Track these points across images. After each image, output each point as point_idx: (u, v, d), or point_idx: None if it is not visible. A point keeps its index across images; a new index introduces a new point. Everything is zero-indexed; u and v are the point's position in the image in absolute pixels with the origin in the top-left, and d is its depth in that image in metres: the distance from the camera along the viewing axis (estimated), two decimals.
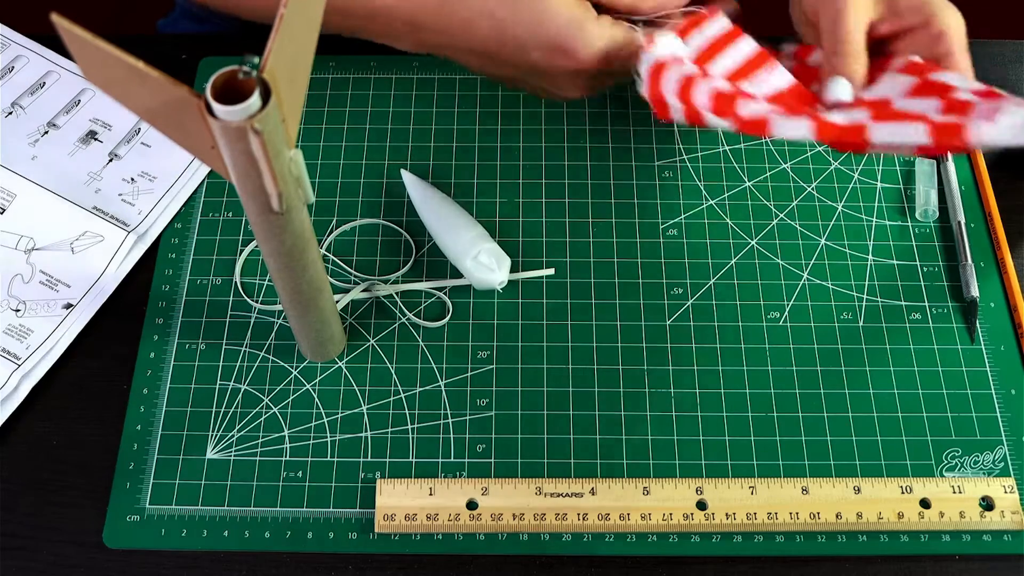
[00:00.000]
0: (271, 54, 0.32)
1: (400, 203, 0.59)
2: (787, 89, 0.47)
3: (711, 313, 0.55)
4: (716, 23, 0.49)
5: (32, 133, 0.60)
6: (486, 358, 0.54)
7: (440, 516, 0.48)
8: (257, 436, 0.51)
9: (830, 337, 0.54)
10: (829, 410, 0.52)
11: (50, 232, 0.56)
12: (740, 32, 0.49)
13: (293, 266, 0.42)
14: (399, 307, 0.55)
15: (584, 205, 0.59)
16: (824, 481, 0.49)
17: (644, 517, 0.48)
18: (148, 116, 0.34)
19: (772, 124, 0.44)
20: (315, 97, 0.62)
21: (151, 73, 0.30)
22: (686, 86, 0.46)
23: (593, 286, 0.56)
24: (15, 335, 0.53)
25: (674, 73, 0.47)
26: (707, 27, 0.49)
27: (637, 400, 0.52)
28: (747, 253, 0.57)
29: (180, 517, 0.49)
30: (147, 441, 0.51)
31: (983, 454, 0.51)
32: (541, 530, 0.48)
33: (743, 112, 0.45)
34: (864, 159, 0.61)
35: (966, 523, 0.48)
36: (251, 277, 0.56)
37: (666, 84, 0.47)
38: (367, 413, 0.52)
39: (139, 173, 0.59)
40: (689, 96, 0.46)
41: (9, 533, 0.49)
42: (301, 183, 0.37)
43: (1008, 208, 0.58)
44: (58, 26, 0.29)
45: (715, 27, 0.49)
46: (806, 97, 0.47)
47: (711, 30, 0.49)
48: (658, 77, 0.47)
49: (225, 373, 0.53)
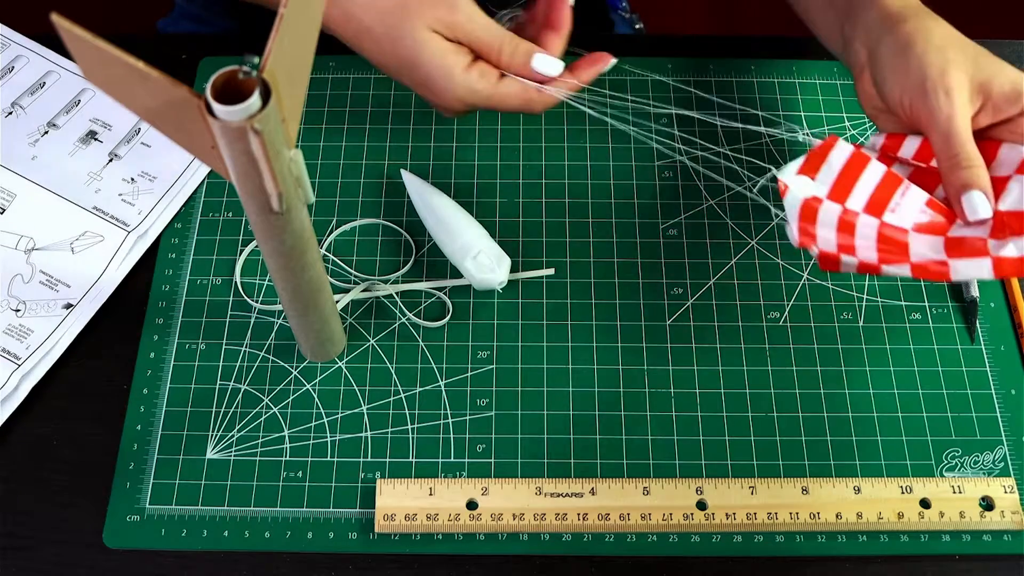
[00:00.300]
0: (271, 54, 0.32)
1: (400, 203, 0.59)
2: (928, 210, 0.47)
3: (711, 313, 0.55)
4: (839, 151, 0.48)
5: (32, 133, 0.60)
6: (486, 358, 0.54)
7: (440, 516, 0.48)
8: (257, 436, 0.51)
9: (830, 337, 0.54)
10: (829, 410, 0.52)
11: (50, 232, 0.56)
12: (863, 157, 0.48)
13: (293, 266, 0.42)
14: (399, 307, 0.55)
15: (584, 205, 0.59)
16: (824, 481, 0.49)
17: (644, 517, 0.48)
18: (148, 116, 0.34)
19: (952, 270, 0.44)
20: (315, 97, 0.62)
21: (151, 73, 0.30)
22: (844, 233, 0.45)
23: (593, 286, 0.56)
24: (15, 335, 0.53)
25: (825, 227, 0.46)
26: (832, 157, 0.48)
27: (637, 400, 0.52)
28: (747, 253, 0.57)
29: (180, 517, 0.49)
30: (147, 441, 0.51)
31: (983, 454, 0.51)
32: (541, 530, 0.48)
33: (916, 258, 0.44)
34: None
35: (966, 523, 0.48)
36: (251, 277, 0.56)
37: (822, 237, 0.46)
38: (367, 413, 0.52)
39: (139, 173, 0.59)
40: (854, 249, 0.45)
41: (9, 533, 0.49)
42: (301, 183, 0.37)
43: None
44: (58, 26, 0.29)
45: (840, 156, 0.48)
46: (947, 216, 0.47)
47: (837, 160, 0.48)
48: (810, 230, 0.46)
49: (225, 373, 0.53)
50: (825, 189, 0.47)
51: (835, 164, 0.47)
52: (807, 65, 0.64)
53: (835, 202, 0.46)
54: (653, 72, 0.64)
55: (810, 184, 0.47)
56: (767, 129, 0.61)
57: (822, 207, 0.46)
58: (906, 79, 0.47)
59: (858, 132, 0.62)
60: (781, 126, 0.62)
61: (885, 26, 0.49)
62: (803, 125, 0.62)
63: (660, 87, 0.63)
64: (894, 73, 0.48)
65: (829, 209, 0.46)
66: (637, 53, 0.66)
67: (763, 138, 0.61)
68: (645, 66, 0.64)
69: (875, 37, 0.50)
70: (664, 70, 0.64)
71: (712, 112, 0.62)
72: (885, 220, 0.46)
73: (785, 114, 0.62)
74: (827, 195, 0.47)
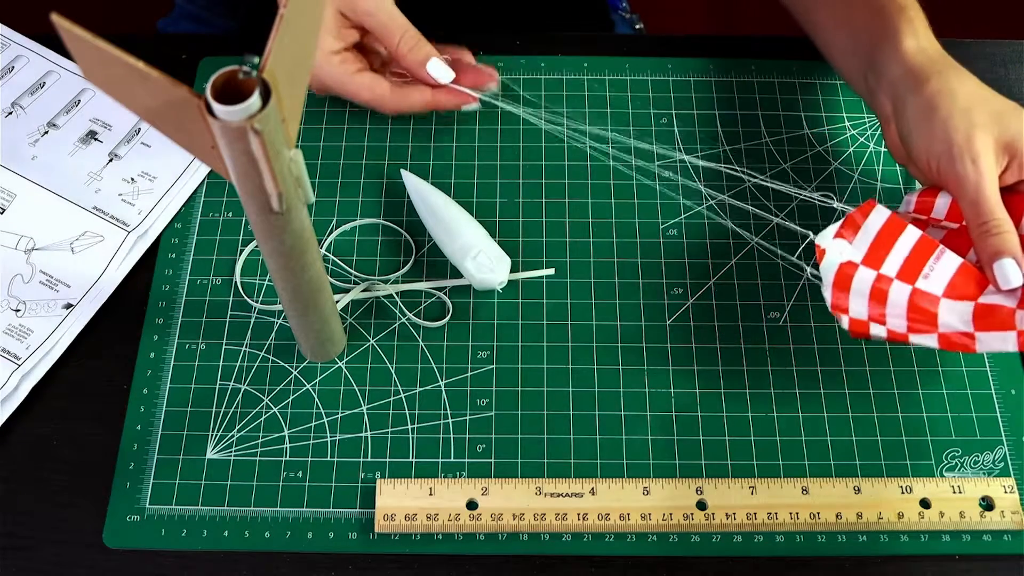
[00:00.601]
0: (271, 54, 0.32)
1: (400, 203, 0.59)
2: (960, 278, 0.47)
3: (711, 313, 0.55)
4: (876, 215, 0.49)
5: (32, 133, 0.60)
6: (486, 358, 0.54)
7: (440, 516, 0.48)
8: (257, 436, 0.51)
9: (830, 337, 0.54)
10: (829, 410, 0.52)
11: (50, 232, 0.56)
12: (900, 222, 0.48)
13: (293, 266, 0.42)
14: (399, 307, 0.55)
15: (584, 205, 0.59)
16: (824, 481, 0.49)
17: (644, 517, 0.48)
18: (148, 116, 0.34)
19: (978, 342, 0.45)
20: (315, 97, 0.62)
21: (151, 73, 0.30)
22: (876, 303, 0.47)
23: (593, 286, 0.56)
24: (15, 335, 0.53)
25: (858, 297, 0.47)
26: (870, 222, 0.48)
27: (637, 400, 0.52)
28: (747, 253, 0.57)
29: (180, 517, 0.49)
30: (147, 441, 0.51)
31: (983, 454, 0.51)
32: (541, 530, 0.48)
33: (944, 328, 0.46)
34: (865, 158, 0.61)
35: (966, 523, 0.48)
36: (251, 277, 0.56)
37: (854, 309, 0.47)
38: (367, 413, 0.52)
39: (139, 173, 0.59)
40: (884, 318, 0.47)
41: (9, 533, 0.49)
42: (301, 183, 0.37)
43: None
44: (58, 26, 0.29)
45: (876, 220, 0.48)
46: (979, 281, 0.47)
47: (873, 224, 0.48)
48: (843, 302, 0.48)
49: (225, 373, 0.53)
50: (860, 254, 0.48)
51: (871, 229, 0.48)
52: (807, 65, 0.64)
53: (870, 268, 0.47)
54: (654, 72, 0.64)
55: (847, 248, 0.48)
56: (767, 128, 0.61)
57: (857, 275, 0.47)
58: (931, 143, 0.47)
59: (858, 132, 0.62)
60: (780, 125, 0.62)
61: (909, 84, 0.49)
62: (803, 125, 0.62)
63: (660, 87, 0.63)
64: (920, 137, 0.48)
65: (863, 277, 0.47)
66: (637, 53, 0.66)
67: (763, 137, 0.61)
68: (645, 66, 0.64)
69: (900, 94, 0.50)
70: (664, 70, 0.64)
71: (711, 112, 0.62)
72: (918, 286, 0.47)
73: (785, 114, 0.62)
74: (862, 260, 0.48)
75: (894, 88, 0.50)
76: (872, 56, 0.52)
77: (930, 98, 0.48)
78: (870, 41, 0.52)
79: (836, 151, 0.61)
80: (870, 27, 0.53)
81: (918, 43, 0.50)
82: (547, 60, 0.65)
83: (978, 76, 0.49)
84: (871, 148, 0.61)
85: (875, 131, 0.62)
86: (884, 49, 0.51)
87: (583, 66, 0.64)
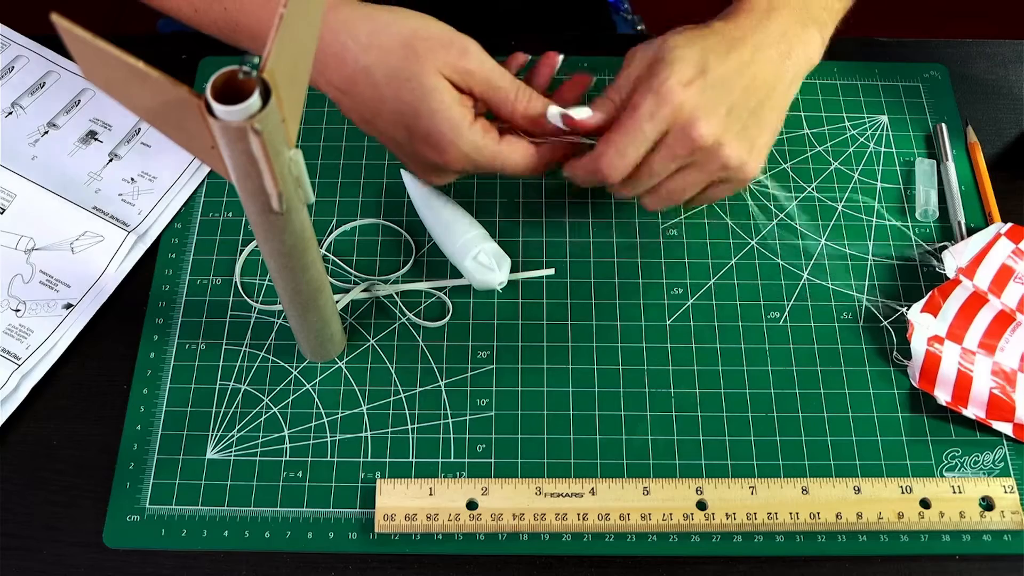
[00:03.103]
0: (271, 54, 0.32)
1: (400, 203, 0.59)
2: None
3: (711, 313, 0.55)
4: (961, 290, 0.54)
5: (32, 133, 0.60)
6: (486, 358, 0.54)
7: (440, 516, 0.48)
8: (257, 436, 0.51)
9: (830, 337, 0.54)
10: (829, 410, 0.52)
11: (50, 232, 0.56)
12: (981, 298, 0.53)
13: (293, 266, 0.42)
14: (399, 307, 0.55)
15: (584, 205, 0.59)
16: (824, 481, 0.49)
17: (644, 517, 0.48)
18: (148, 116, 0.34)
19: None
20: (315, 97, 0.62)
21: (151, 73, 0.30)
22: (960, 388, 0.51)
23: (593, 286, 0.56)
24: (15, 335, 0.53)
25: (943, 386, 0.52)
26: (954, 295, 0.54)
27: (637, 400, 0.52)
28: (747, 253, 0.57)
29: (180, 517, 0.49)
30: (147, 441, 0.51)
31: (983, 454, 0.51)
32: (541, 530, 0.48)
33: (1019, 420, 0.50)
34: (865, 158, 0.61)
35: (966, 523, 0.48)
36: (251, 277, 0.56)
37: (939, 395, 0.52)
38: (367, 413, 0.52)
39: (139, 173, 0.59)
40: (967, 400, 0.51)
41: (9, 533, 0.49)
42: (301, 183, 0.37)
43: (1008, 208, 0.58)
44: (58, 26, 0.29)
45: (961, 294, 0.54)
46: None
47: (958, 297, 0.54)
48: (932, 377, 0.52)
49: (225, 373, 0.53)
50: (945, 327, 0.53)
51: (954, 304, 0.53)
52: None
53: (954, 343, 0.52)
54: None
55: (932, 322, 0.53)
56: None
57: (944, 356, 0.52)
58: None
59: (858, 132, 0.62)
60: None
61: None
62: (803, 125, 0.62)
63: None
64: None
65: (949, 357, 0.52)
66: None
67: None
68: None
69: None
70: None
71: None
72: (997, 360, 0.52)
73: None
74: (946, 333, 0.53)
75: None
76: None
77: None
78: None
79: (836, 151, 0.61)
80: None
81: None
82: None
83: (978, 76, 0.50)
84: (871, 148, 0.61)
85: (875, 131, 0.62)
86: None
87: (583, 66, 0.64)
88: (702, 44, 0.47)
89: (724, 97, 0.46)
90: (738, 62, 0.47)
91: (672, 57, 0.46)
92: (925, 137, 0.62)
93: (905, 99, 0.63)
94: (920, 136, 0.62)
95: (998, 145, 0.62)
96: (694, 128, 0.45)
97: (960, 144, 0.61)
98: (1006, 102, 0.64)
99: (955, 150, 0.61)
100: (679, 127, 0.46)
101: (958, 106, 0.63)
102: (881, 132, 0.62)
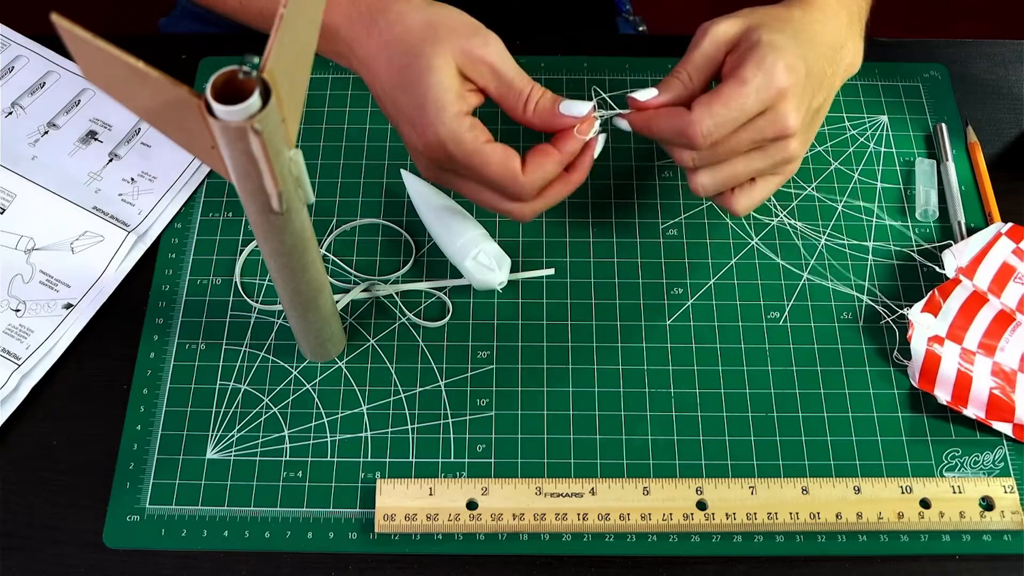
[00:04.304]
0: (271, 54, 0.32)
1: (400, 203, 0.59)
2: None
3: (711, 313, 0.55)
4: (961, 289, 0.54)
5: (32, 133, 0.60)
6: (486, 358, 0.54)
7: (440, 516, 0.48)
8: (257, 436, 0.51)
9: (830, 337, 0.54)
10: (829, 410, 0.52)
11: (50, 232, 0.56)
12: (981, 298, 0.53)
13: (293, 266, 0.42)
14: (399, 307, 0.55)
15: (584, 205, 0.59)
16: (824, 481, 0.49)
17: (644, 517, 0.48)
18: (148, 116, 0.34)
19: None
20: (315, 97, 0.62)
21: (151, 73, 0.30)
22: (960, 388, 0.51)
23: (593, 286, 0.56)
24: (15, 335, 0.53)
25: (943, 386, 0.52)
26: (953, 297, 0.54)
27: (637, 400, 0.52)
28: (747, 253, 0.57)
29: (180, 517, 0.49)
30: (147, 441, 0.51)
31: (983, 454, 0.51)
32: (541, 530, 0.48)
33: (1019, 420, 0.50)
34: (865, 158, 0.61)
35: (966, 523, 0.48)
36: (251, 277, 0.56)
37: (939, 395, 0.52)
38: (367, 413, 0.52)
39: (139, 173, 0.59)
40: (967, 400, 0.51)
41: (9, 533, 0.49)
42: (301, 183, 0.37)
43: (1008, 208, 0.58)
44: (58, 26, 0.29)
45: (962, 294, 0.54)
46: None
47: (958, 297, 0.54)
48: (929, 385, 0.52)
49: (225, 373, 0.53)
50: (945, 327, 0.53)
51: (954, 304, 0.54)
52: None
53: (954, 343, 0.52)
54: (654, 72, 0.64)
55: (933, 322, 0.53)
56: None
57: (944, 356, 0.52)
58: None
59: (858, 132, 0.62)
60: None
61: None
62: None
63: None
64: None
65: (949, 357, 0.52)
66: (638, 53, 0.66)
67: None
68: (645, 66, 0.64)
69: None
70: (664, 70, 0.64)
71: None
72: (997, 360, 0.52)
73: None
74: (947, 333, 0.53)
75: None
76: None
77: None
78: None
79: (836, 151, 0.61)
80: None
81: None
82: (547, 60, 0.65)
83: (978, 76, 0.50)
84: (871, 148, 0.61)
85: (875, 131, 0.62)
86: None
87: (583, 66, 0.64)
88: (792, 31, 0.47)
89: (812, 91, 0.47)
90: (823, 59, 0.48)
91: (771, 40, 0.46)
92: (925, 137, 0.62)
93: (905, 99, 0.63)
94: (920, 136, 0.62)
95: (998, 145, 0.62)
96: (789, 115, 0.46)
97: (960, 144, 0.61)
98: (1006, 102, 0.64)
99: (955, 150, 0.61)
100: (776, 111, 0.46)
101: (958, 106, 0.63)
102: (881, 132, 0.62)
